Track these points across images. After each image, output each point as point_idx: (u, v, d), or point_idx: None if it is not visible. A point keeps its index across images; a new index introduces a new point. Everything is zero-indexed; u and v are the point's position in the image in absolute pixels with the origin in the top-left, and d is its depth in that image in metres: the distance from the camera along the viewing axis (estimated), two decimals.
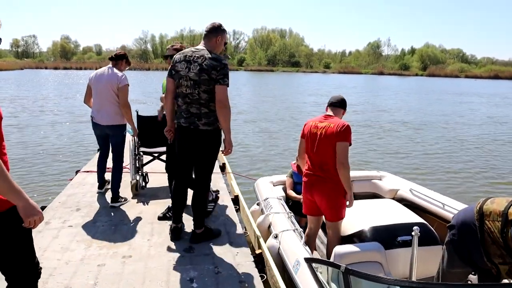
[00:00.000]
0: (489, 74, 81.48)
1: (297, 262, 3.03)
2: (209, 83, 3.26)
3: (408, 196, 4.46)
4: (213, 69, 3.24)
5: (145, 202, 4.69)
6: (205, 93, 3.29)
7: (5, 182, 1.76)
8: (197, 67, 3.27)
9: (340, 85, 43.32)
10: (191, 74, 3.29)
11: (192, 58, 3.33)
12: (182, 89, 3.37)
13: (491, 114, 20.46)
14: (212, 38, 3.43)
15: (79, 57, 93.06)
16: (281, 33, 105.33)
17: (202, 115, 3.34)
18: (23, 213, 1.83)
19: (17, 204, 1.83)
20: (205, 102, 3.32)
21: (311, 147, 3.42)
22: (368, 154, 10.54)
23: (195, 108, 3.34)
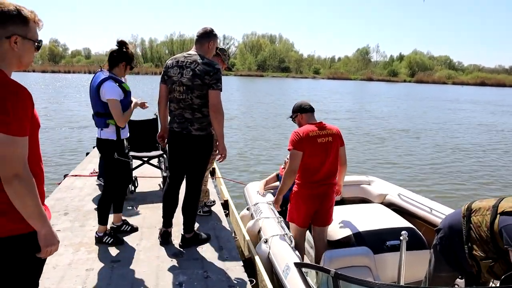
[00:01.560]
0: (476, 81, 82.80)
1: (287, 267, 3.03)
2: (202, 88, 3.26)
3: (397, 200, 4.50)
4: (206, 74, 3.24)
5: (134, 207, 4.66)
6: (198, 98, 3.28)
7: (35, 205, 1.61)
8: (190, 72, 3.27)
9: (332, 91, 43.51)
10: (184, 79, 3.28)
11: (184, 64, 3.32)
12: (175, 94, 3.35)
13: (484, 121, 20.64)
14: (204, 43, 3.43)
15: (67, 60, 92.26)
16: (271, 39, 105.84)
17: (195, 120, 3.33)
18: (43, 242, 1.69)
19: (39, 231, 1.67)
20: (198, 107, 3.31)
21: (324, 156, 3.38)
22: (359, 159, 10.61)
23: (188, 113, 3.34)
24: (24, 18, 1.65)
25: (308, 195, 3.43)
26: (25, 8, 1.68)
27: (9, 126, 1.53)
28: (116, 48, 3.57)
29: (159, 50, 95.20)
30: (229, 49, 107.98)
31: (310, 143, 3.35)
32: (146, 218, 4.31)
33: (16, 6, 1.64)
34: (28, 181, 1.58)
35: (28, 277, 1.76)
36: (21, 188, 1.56)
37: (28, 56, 1.71)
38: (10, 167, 1.54)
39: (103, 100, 3.42)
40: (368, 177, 5.19)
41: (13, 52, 1.64)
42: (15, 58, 1.66)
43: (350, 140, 13.10)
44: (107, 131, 3.50)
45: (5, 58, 1.63)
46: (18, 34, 1.63)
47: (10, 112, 1.52)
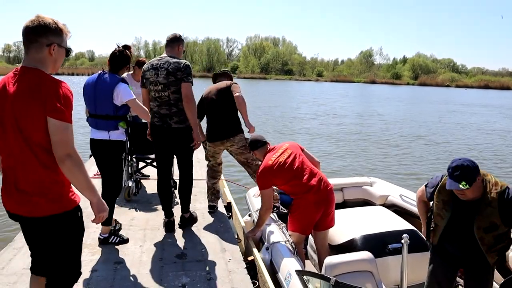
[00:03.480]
0: (479, 84, 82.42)
1: (288, 274, 3.04)
2: (177, 84, 3.63)
3: (399, 202, 4.50)
4: (177, 70, 3.63)
5: (137, 209, 4.68)
6: (173, 94, 3.66)
7: (85, 179, 1.97)
8: (164, 71, 3.65)
9: (337, 93, 43.30)
10: (160, 78, 3.66)
11: (158, 65, 3.72)
12: (152, 93, 3.75)
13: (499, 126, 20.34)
14: (174, 46, 3.85)
15: (71, 62, 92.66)
16: (274, 41, 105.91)
17: (173, 114, 3.69)
18: (96, 209, 2.06)
19: (91, 200, 2.04)
20: (174, 102, 3.68)
21: (298, 171, 3.47)
22: (360, 160, 10.61)
23: (165, 109, 3.71)
24: (60, 30, 1.99)
25: (312, 202, 3.41)
26: (59, 21, 2.01)
27: (63, 115, 1.89)
28: (121, 51, 3.61)
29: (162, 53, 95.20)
30: (233, 52, 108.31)
31: (277, 173, 3.47)
32: (150, 220, 4.33)
33: (54, 20, 1.98)
34: (77, 160, 1.93)
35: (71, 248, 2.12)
36: (73, 166, 1.91)
37: (60, 61, 2.07)
38: (64, 148, 1.89)
39: (116, 103, 3.43)
40: (370, 178, 5.20)
41: (50, 58, 1.99)
42: (52, 62, 2.01)
43: (357, 141, 13.10)
44: (117, 132, 3.53)
45: (45, 62, 1.97)
46: (56, 42, 1.97)
47: (63, 103, 1.89)
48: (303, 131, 15.39)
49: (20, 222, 2.12)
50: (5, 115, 1.92)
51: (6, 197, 2.04)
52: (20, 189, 1.96)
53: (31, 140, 1.90)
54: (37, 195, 1.94)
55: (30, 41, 1.94)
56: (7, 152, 1.98)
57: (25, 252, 3.48)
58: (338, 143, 13.22)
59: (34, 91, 1.87)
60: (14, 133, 1.91)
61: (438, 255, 2.89)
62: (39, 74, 1.93)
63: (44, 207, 1.96)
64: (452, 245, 2.76)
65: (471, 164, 2.47)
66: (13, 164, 1.97)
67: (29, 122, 1.87)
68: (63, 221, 2.02)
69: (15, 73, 1.96)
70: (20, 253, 3.47)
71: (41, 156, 1.92)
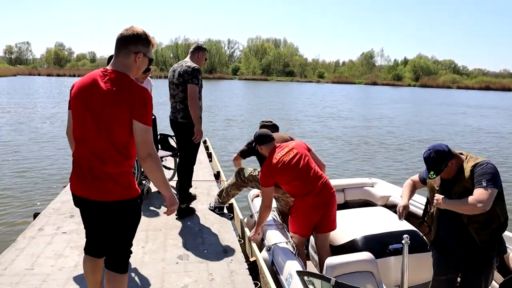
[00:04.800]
0: (481, 85, 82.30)
1: (289, 275, 3.05)
2: (184, 84, 4.16)
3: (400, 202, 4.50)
4: (186, 73, 4.16)
5: None
6: (182, 92, 4.21)
7: (162, 175, 2.23)
8: (177, 73, 4.23)
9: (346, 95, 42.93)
10: (174, 79, 4.27)
11: (175, 68, 4.31)
12: (170, 91, 4.38)
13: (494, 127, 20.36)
14: (195, 53, 4.40)
15: (72, 64, 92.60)
16: (276, 43, 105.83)
17: (180, 110, 4.26)
18: (169, 202, 2.30)
19: (165, 194, 2.28)
20: (182, 99, 4.22)
21: (300, 171, 3.47)
22: (361, 161, 10.61)
23: (177, 105, 4.29)
24: (149, 41, 2.24)
25: (311, 205, 3.44)
26: (149, 33, 2.24)
27: (147, 119, 2.14)
28: None
29: (164, 54, 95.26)
30: (234, 53, 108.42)
31: (280, 171, 3.48)
32: (152, 221, 4.34)
33: (145, 31, 2.22)
34: (156, 159, 2.17)
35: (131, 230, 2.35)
36: (153, 164, 2.16)
37: (143, 69, 2.30)
38: (147, 148, 2.14)
39: None
40: (371, 179, 5.21)
41: (135, 64, 2.21)
42: (135, 69, 2.23)
43: (357, 144, 13.11)
44: None
45: (130, 67, 2.20)
46: (142, 51, 2.21)
47: (147, 108, 2.15)
48: (307, 133, 15.39)
49: (86, 207, 2.31)
50: (93, 109, 2.12)
51: (79, 183, 2.23)
52: (95, 176, 2.16)
53: (114, 136, 2.12)
54: (111, 182, 2.16)
55: (121, 47, 2.19)
56: (84, 141, 2.18)
57: (28, 252, 3.50)
58: (342, 145, 13.22)
59: (124, 94, 2.10)
60: (97, 126, 2.11)
61: (436, 249, 2.94)
62: (128, 78, 2.16)
63: (116, 193, 2.18)
64: (445, 231, 2.84)
65: (437, 155, 2.65)
66: (89, 153, 2.17)
67: (116, 122, 2.10)
68: (129, 206, 2.25)
69: (104, 73, 2.17)
70: (23, 253, 3.48)
71: (119, 150, 2.14)
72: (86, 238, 2.50)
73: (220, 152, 10.34)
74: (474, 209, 2.50)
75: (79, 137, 2.21)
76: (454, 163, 2.69)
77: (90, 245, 2.49)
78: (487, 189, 2.50)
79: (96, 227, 2.39)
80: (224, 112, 21.81)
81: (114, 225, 2.28)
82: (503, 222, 2.64)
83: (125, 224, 2.30)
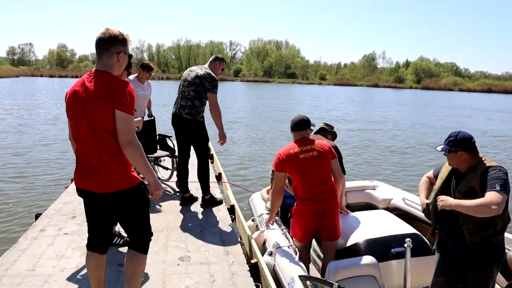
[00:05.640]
0: (483, 88, 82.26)
1: (291, 280, 3.03)
2: (198, 86, 4.48)
3: (401, 205, 4.50)
4: (205, 78, 4.48)
5: None
6: (193, 92, 4.51)
7: (144, 162, 2.36)
8: (194, 74, 4.54)
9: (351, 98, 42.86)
10: (190, 78, 4.56)
11: (193, 69, 4.66)
12: (180, 88, 4.66)
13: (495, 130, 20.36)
14: (213, 62, 4.72)
15: (75, 65, 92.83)
16: (277, 45, 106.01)
17: (186, 107, 4.54)
18: (153, 187, 2.43)
19: (149, 180, 2.42)
20: (191, 98, 4.53)
21: (309, 173, 3.36)
22: (362, 164, 10.60)
23: (183, 101, 4.58)
24: (125, 40, 2.40)
25: (307, 212, 3.41)
26: (124, 32, 2.41)
27: (127, 108, 2.27)
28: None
29: (166, 56, 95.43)
30: (236, 55, 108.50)
31: (291, 161, 3.38)
32: (153, 222, 4.27)
33: (120, 31, 2.39)
34: (137, 146, 2.31)
35: (143, 214, 2.55)
36: (134, 150, 2.30)
37: (124, 65, 2.47)
38: (127, 135, 2.27)
39: None
40: (373, 182, 5.19)
41: (117, 63, 2.39)
42: (118, 67, 2.41)
43: (358, 145, 13.10)
44: None
45: (113, 67, 2.38)
46: (123, 50, 2.38)
47: (128, 98, 2.28)
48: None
49: (91, 200, 2.47)
50: (83, 108, 2.30)
51: (82, 178, 2.41)
52: (95, 170, 2.34)
53: (105, 129, 2.28)
54: (111, 174, 2.33)
55: (102, 50, 2.35)
56: (80, 140, 2.36)
57: (29, 253, 3.51)
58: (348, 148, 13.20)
59: (105, 88, 2.27)
60: (89, 123, 2.29)
61: (439, 249, 2.93)
62: (109, 75, 2.34)
63: (119, 183, 2.35)
64: (441, 228, 2.84)
65: (459, 137, 2.65)
66: (87, 150, 2.34)
67: (103, 114, 2.25)
68: (133, 193, 2.42)
69: (89, 75, 2.36)
70: (24, 254, 3.48)
71: (112, 142, 2.30)
72: (89, 234, 2.61)
73: (221, 154, 10.36)
74: (487, 210, 2.44)
75: (77, 137, 2.39)
76: (464, 155, 2.66)
77: (93, 240, 2.60)
78: (500, 193, 2.45)
79: (102, 220, 2.54)
80: (226, 114, 21.79)
81: (125, 213, 2.48)
82: (499, 230, 2.59)
83: (135, 210, 2.49)
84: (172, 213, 4.59)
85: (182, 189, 4.90)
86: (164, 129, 6.44)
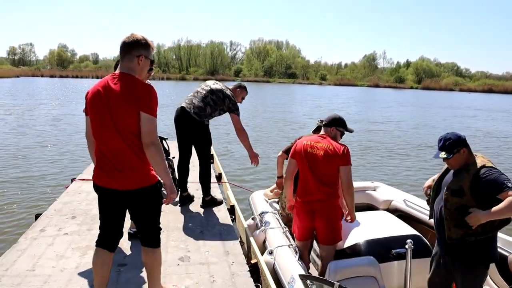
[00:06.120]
0: (483, 88, 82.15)
1: (292, 279, 3.03)
2: (218, 98, 4.55)
3: (402, 206, 4.49)
4: (228, 97, 4.59)
5: None
6: (211, 100, 4.54)
7: (164, 164, 2.48)
8: (220, 90, 4.59)
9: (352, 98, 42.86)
10: (212, 86, 4.63)
11: (220, 84, 4.73)
12: (197, 88, 4.72)
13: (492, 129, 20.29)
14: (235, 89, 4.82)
15: (75, 65, 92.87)
16: (278, 45, 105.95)
17: (197, 107, 4.51)
18: (169, 190, 2.54)
19: (166, 182, 2.52)
20: (206, 102, 4.55)
21: (309, 168, 3.33)
22: (363, 165, 10.59)
23: (196, 100, 4.56)
24: (148, 45, 2.53)
25: (300, 210, 3.43)
26: (147, 38, 2.54)
27: (152, 110, 2.41)
28: None
29: (166, 56, 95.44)
30: (236, 55, 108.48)
31: (299, 151, 3.39)
32: None
33: (144, 37, 2.52)
34: (159, 147, 2.45)
35: (156, 211, 2.67)
36: (156, 152, 2.41)
37: (146, 69, 2.59)
38: (151, 137, 2.40)
39: None
40: (373, 183, 5.19)
41: (138, 66, 2.50)
42: (139, 70, 2.52)
43: (359, 147, 13.09)
44: None
45: (134, 70, 2.49)
46: (144, 54, 2.50)
47: (153, 101, 2.42)
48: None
49: (109, 197, 2.56)
50: (107, 108, 2.40)
51: (103, 175, 2.51)
52: (117, 168, 2.45)
53: (128, 130, 2.39)
54: (131, 172, 2.45)
55: (125, 53, 2.48)
56: (105, 140, 2.45)
57: (29, 254, 3.50)
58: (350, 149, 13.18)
59: (131, 91, 2.39)
60: (113, 123, 2.40)
61: (434, 255, 2.97)
62: (133, 78, 2.46)
63: (137, 181, 2.47)
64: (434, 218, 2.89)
65: (454, 137, 2.69)
66: (109, 149, 2.45)
67: (127, 115, 2.38)
68: (150, 192, 2.53)
69: (113, 77, 2.47)
70: (24, 255, 3.48)
71: (134, 142, 2.42)
72: (101, 231, 2.69)
73: (222, 155, 10.36)
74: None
75: (98, 136, 2.49)
76: (466, 152, 2.68)
77: (104, 237, 2.67)
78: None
79: (116, 217, 2.64)
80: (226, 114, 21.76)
81: (141, 210, 2.58)
82: (480, 231, 2.60)
83: (150, 207, 2.60)
84: (172, 213, 4.58)
85: (181, 188, 4.88)
86: (160, 129, 6.43)
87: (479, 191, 2.56)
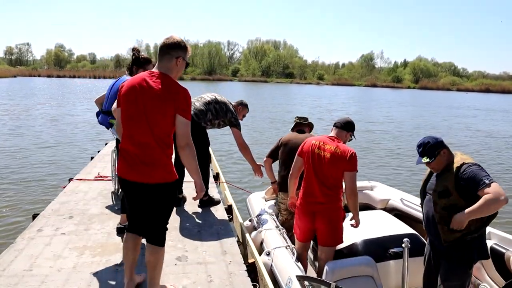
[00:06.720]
0: (481, 88, 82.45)
1: (289, 280, 3.03)
2: (221, 108, 4.66)
3: (399, 205, 4.50)
4: (230, 112, 4.69)
5: None
6: (214, 108, 4.62)
7: (196, 164, 2.60)
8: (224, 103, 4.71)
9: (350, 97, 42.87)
10: (218, 98, 4.72)
11: (223, 96, 4.80)
12: (203, 95, 4.77)
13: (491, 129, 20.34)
14: (238, 106, 4.88)
15: (73, 65, 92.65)
16: (275, 45, 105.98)
17: (198, 110, 4.55)
18: (199, 188, 2.68)
19: (197, 180, 2.65)
20: (208, 109, 4.61)
21: (314, 169, 3.31)
22: (362, 165, 10.58)
23: (198, 104, 4.61)
24: (186, 48, 2.64)
25: (301, 210, 3.42)
26: (185, 41, 2.65)
27: (187, 114, 2.54)
28: (137, 55, 3.90)
29: None
30: (234, 55, 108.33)
31: (306, 150, 3.40)
32: None
33: (182, 39, 2.63)
34: (193, 148, 2.58)
35: (169, 209, 2.73)
36: (189, 153, 2.56)
37: (181, 71, 2.68)
38: (186, 139, 2.54)
39: None
40: (370, 182, 5.20)
41: (176, 67, 2.61)
42: (175, 71, 2.62)
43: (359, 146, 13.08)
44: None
45: (172, 70, 2.60)
46: (182, 56, 2.61)
47: (189, 105, 2.54)
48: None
49: (132, 189, 2.62)
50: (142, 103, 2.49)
51: (128, 168, 2.57)
52: (143, 161, 2.52)
53: (159, 127, 2.49)
54: (155, 167, 2.52)
55: (164, 53, 2.58)
56: (133, 132, 2.54)
57: (26, 253, 3.49)
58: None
59: (169, 91, 2.48)
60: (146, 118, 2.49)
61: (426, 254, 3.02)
62: (171, 79, 2.56)
63: (159, 176, 2.53)
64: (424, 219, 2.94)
65: (432, 140, 2.76)
66: (137, 142, 2.52)
67: (161, 114, 2.47)
68: (168, 188, 2.61)
69: (151, 74, 2.55)
70: (21, 255, 3.47)
71: (163, 139, 2.52)
72: (129, 218, 2.84)
73: (219, 155, 10.35)
74: (499, 203, 2.41)
75: (128, 128, 2.57)
76: (446, 152, 2.76)
77: (133, 223, 2.79)
78: (494, 183, 2.47)
79: (140, 206, 2.69)
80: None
81: (155, 205, 2.63)
82: (473, 230, 2.61)
83: (164, 203, 2.66)
84: None
85: (178, 190, 4.80)
86: None
87: (463, 188, 2.59)
